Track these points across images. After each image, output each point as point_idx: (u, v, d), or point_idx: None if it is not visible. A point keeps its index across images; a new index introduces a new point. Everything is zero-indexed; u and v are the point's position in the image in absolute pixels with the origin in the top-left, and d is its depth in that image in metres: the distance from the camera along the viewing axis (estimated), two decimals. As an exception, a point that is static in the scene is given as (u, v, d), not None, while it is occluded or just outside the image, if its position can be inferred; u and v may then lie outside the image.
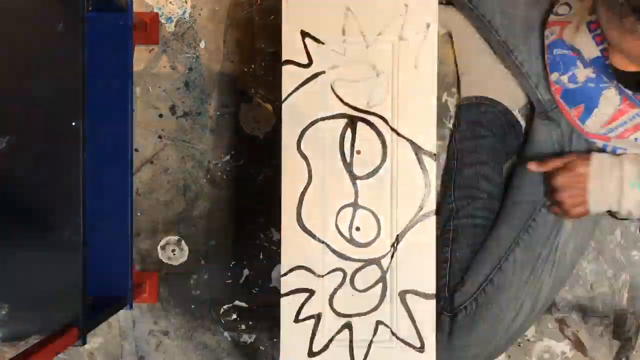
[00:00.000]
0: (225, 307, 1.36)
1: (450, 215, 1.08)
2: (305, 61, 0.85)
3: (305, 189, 0.86)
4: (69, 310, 0.85)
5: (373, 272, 0.85)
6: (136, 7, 1.21)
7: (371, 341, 0.85)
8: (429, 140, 0.83)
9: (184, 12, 1.33)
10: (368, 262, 0.85)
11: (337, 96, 0.85)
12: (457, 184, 1.07)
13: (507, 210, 1.04)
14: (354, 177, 0.85)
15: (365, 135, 0.84)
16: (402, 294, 0.85)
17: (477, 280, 1.01)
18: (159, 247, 1.36)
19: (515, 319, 1.00)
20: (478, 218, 1.05)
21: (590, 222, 1.02)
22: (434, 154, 0.83)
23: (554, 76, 0.95)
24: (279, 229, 1.30)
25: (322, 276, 0.85)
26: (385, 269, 0.85)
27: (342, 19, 0.85)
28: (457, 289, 1.02)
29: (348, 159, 0.85)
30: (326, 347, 0.85)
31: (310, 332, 0.86)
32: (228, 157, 1.34)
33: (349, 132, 0.85)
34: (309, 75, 0.85)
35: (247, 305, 1.35)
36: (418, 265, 0.85)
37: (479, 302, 1.00)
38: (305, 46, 0.85)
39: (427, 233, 0.84)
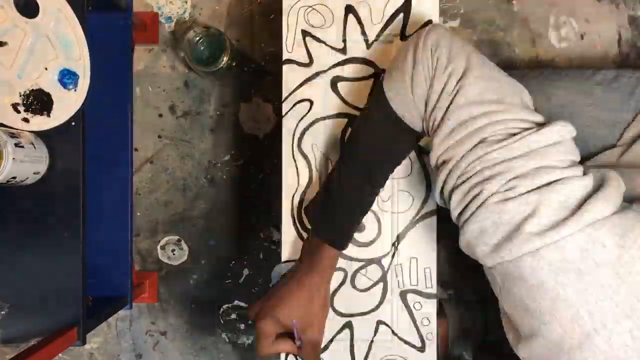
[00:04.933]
0: (224, 307, 1.36)
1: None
2: (305, 60, 0.85)
3: (306, 188, 0.85)
4: (69, 310, 0.85)
5: (374, 272, 0.85)
6: (136, 7, 1.21)
7: (372, 340, 0.85)
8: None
9: (184, 12, 1.33)
10: (369, 262, 0.85)
11: (338, 95, 0.85)
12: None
13: None
14: (354, 177, 0.85)
15: (366, 134, 0.84)
16: (403, 294, 0.85)
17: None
18: (159, 247, 1.36)
19: None
20: None
21: None
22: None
23: None
24: (279, 229, 1.30)
25: (323, 276, 0.85)
26: (386, 269, 0.85)
27: (343, 18, 0.85)
28: None
29: (349, 159, 0.84)
30: (327, 346, 0.85)
31: (311, 331, 0.85)
32: (228, 157, 1.34)
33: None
34: (309, 75, 0.85)
35: (246, 305, 1.35)
36: (419, 264, 0.85)
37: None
38: (306, 45, 0.85)
39: (428, 232, 0.84)
